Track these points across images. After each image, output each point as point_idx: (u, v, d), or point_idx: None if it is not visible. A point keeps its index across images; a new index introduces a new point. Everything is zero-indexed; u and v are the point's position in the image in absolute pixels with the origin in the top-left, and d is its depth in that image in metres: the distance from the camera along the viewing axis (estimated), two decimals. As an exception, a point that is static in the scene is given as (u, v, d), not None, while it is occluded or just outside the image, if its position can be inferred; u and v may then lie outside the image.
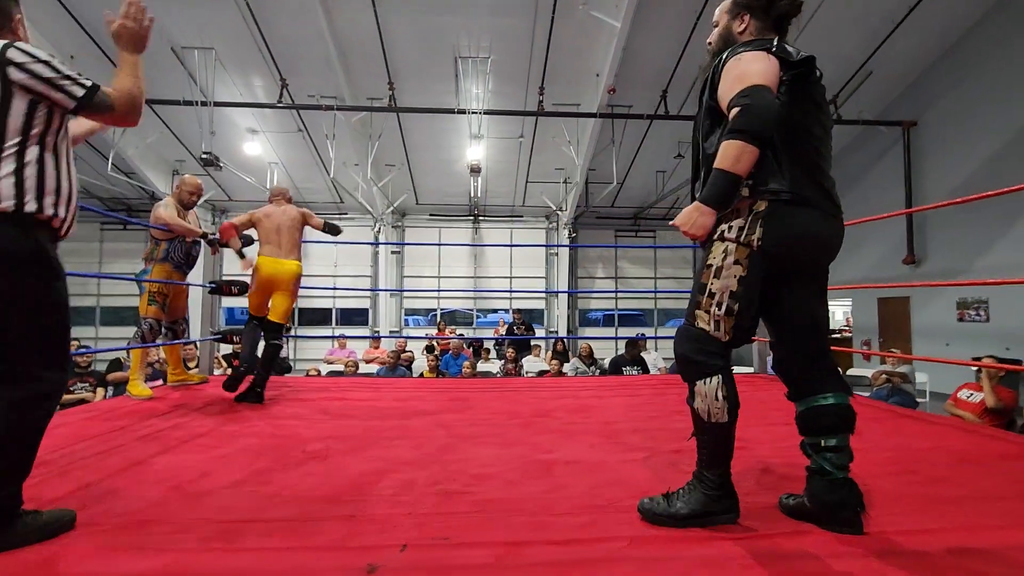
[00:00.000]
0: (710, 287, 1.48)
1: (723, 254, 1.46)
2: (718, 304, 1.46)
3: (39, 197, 1.39)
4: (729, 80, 1.41)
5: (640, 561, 1.24)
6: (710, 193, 1.37)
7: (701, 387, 1.46)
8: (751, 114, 1.32)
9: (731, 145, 1.33)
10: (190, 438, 2.40)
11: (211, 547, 1.31)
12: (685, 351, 1.51)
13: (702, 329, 1.48)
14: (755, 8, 1.55)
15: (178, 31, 8.41)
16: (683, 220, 1.43)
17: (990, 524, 1.49)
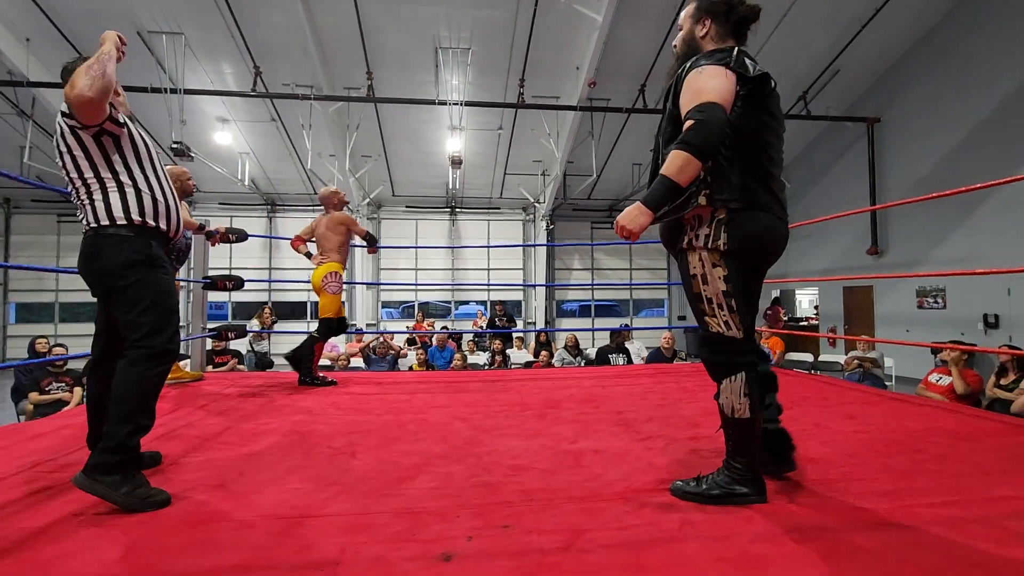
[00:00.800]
0: (704, 294, 1.60)
1: (700, 262, 1.59)
2: (719, 306, 1.58)
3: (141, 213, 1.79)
4: (689, 92, 1.51)
5: (703, 539, 1.31)
6: (651, 196, 1.47)
7: (726, 386, 1.58)
8: (700, 130, 1.42)
9: (678, 155, 1.43)
10: (210, 436, 2.37)
11: (282, 543, 1.32)
12: (708, 355, 1.64)
13: (716, 333, 1.60)
14: (716, 13, 1.64)
15: (146, 15, 8.07)
16: (624, 218, 1.50)
17: (1007, 495, 1.62)
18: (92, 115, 1.69)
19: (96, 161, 1.74)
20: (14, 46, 8.19)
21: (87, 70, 1.65)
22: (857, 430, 2.41)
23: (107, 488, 1.55)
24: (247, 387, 3.62)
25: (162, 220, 1.83)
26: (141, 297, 1.72)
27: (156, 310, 1.74)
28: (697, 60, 1.57)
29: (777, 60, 9.25)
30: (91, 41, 8.34)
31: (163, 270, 1.82)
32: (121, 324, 1.75)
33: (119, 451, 1.60)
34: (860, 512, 1.49)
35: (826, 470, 1.87)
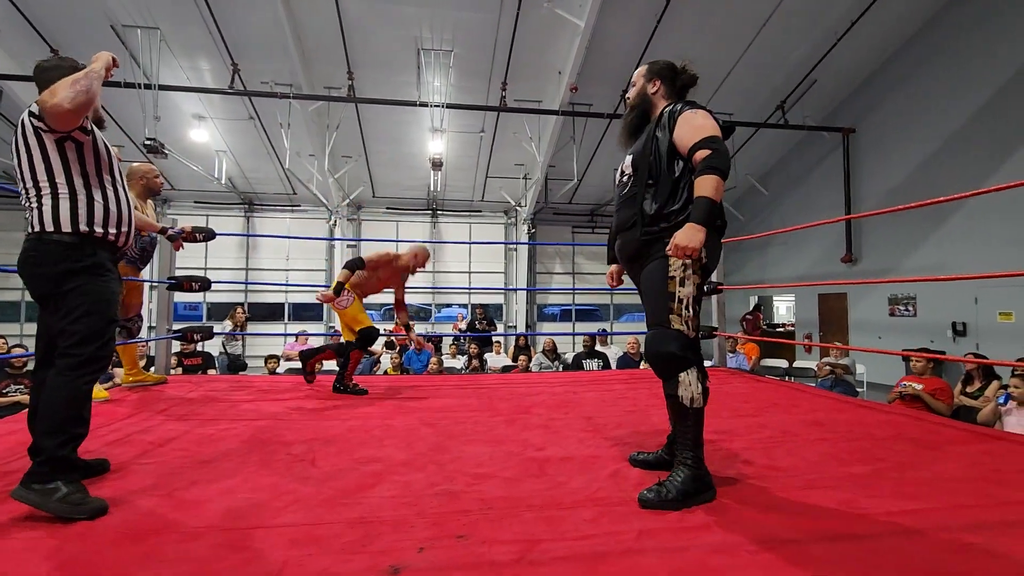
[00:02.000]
0: (678, 295, 1.76)
1: (682, 267, 1.75)
2: (686, 307, 1.76)
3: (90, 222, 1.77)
4: (689, 128, 1.77)
5: (659, 551, 1.29)
6: (701, 216, 1.67)
7: (684, 377, 1.74)
8: (720, 156, 1.70)
9: (710, 179, 1.68)
10: (163, 443, 2.29)
11: (226, 556, 1.27)
12: (668, 349, 1.76)
13: (678, 330, 1.76)
14: (664, 77, 1.98)
15: (120, 8, 7.88)
16: (684, 239, 1.66)
17: (965, 503, 1.63)
18: (65, 125, 1.70)
19: (53, 166, 1.72)
20: (-20, 36, 7.94)
21: (73, 84, 1.65)
22: (823, 437, 2.42)
23: (40, 496, 1.50)
24: (212, 391, 3.52)
25: (111, 228, 1.82)
26: (77, 305, 1.69)
27: (90, 319, 1.70)
28: (685, 106, 1.86)
29: (756, 70, 9.41)
30: (62, 34, 8.16)
31: (105, 278, 1.78)
32: (56, 331, 1.72)
33: (51, 463, 1.55)
34: (820, 522, 1.49)
35: (790, 479, 1.87)
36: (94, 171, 1.80)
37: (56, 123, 1.68)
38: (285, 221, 13.42)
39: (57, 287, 1.70)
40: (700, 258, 1.77)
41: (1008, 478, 1.86)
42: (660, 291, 1.79)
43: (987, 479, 1.84)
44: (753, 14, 8.42)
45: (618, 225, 1.99)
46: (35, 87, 1.82)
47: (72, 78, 1.68)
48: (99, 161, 1.82)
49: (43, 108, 1.66)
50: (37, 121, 1.69)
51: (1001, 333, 7.63)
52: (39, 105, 1.67)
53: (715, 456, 2.15)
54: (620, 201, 2.00)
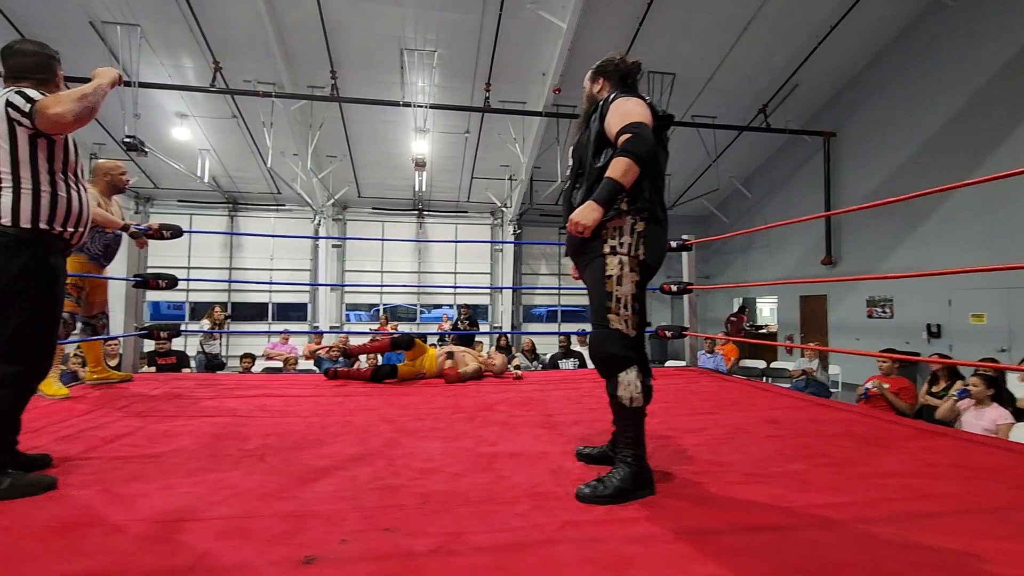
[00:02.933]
0: (615, 294, 1.76)
1: (619, 266, 1.76)
2: (625, 306, 1.76)
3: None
4: (617, 114, 1.76)
5: (577, 542, 1.31)
6: (601, 195, 1.67)
7: (624, 377, 1.74)
8: (638, 140, 1.67)
9: (622, 161, 1.66)
10: (114, 438, 2.28)
11: (148, 548, 1.27)
12: (607, 349, 1.77)
13: (617, 329, 1.76)
14: (606, 73, 2.00)
15: (99, 4, 7.82)
16: (580, 215, 1.68)
17: (890, 497, 1.67)
18: (58, 132, 1.74)
19: (20, 158, 1.72)
20: (-44, 31, 7.84)
21: (81, 98, 1.73)
22: (773, 435, 2.46)
23: None
24: (176, 388, 3.50)
25: (70, 227, 1.84)
26: (17, 306, 1.68)
27: (30, 324, 1.70)
28: (619, 93, 1.86)
29: (738, 73, 9.50)
30: (42, 29, 8.08)
31: (49, 281, 1.78)
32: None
33: None
34: (743, 515, 1.52)
35: (729, 474, 1.90)
36: (60, 168, 1.81)
37: (51, 129, 1.72)
38: (270, 220, 13.36)
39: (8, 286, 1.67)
40: (638, 255, 1.77)
41: (942, 472, 1.90)
42: (599, 291, 1.78)
43: (921, 474, 1.88)
44: (735, 17, 8.50)
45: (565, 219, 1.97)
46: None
47: (80, 92, 1.74)
48: (66, 159, 1.84)
49: (41, 112, 1.68)
50: (15, 113, 1.68)
51: (973, 334, 7.75)
52: (37, 110, 1.67)
53: (663, 453, 2.18)
54: (564, 196, 2.00)
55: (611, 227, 1.77)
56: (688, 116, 10.29)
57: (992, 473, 1.89)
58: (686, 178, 12.68)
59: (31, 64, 1.87)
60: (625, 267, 1.76)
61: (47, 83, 1.88)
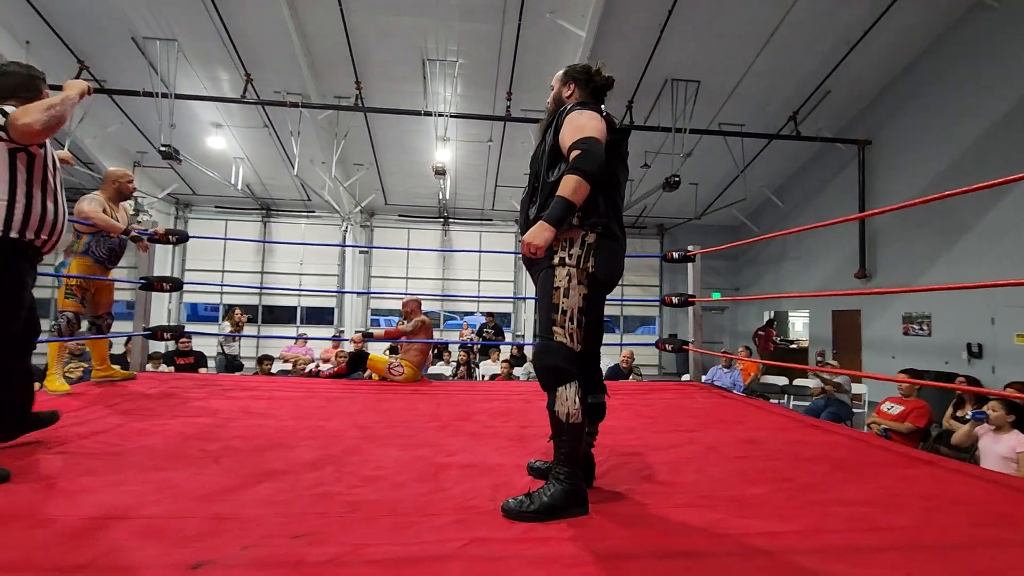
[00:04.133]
0: (561, 306, 1.73)
1: (567, 277, 1.73)
2: (570, 319, 1.73)
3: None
4: (571, 128, 1.73)
5: (472, 559, 1.28)
6: (552, 215, 1.62)
7: (562, 392, 1.68)
8: (587, 157, 1.63)
9: (571, 179, 1.62)
10: (90, 434, 2.38)
11: (59, 543, 1.31)
12: (548, 362, 1.72)
13: (560, 342, 1.72)
14: (579, 80, 1.96)
15: (140, 21, 8.27)
16: (532, 236, 1.64)
17: (835, 527, 1.57)
18: (29, 141, 1.88)
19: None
20: (14, 49, 8.42)
21: (48, 108, 1.85)
22: (745, 455, 2.35)
23: None
24: (173, 388, 3.63)
25: (43, 235, 1.97)
26: None
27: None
28: (574, 105, 1.83)
29: (766, 80, 9.25)
30: (88, 44, 8.60)
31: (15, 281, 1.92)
32: None
33: None
34: (668, 539, 1.45)
35: (678, 496, 1.83)
36: (38, 181, 1.95)
37: (23, 139, 1.85)
38: (300, 227, 13.76)
39: None
40: (587, 268, 1.74)
41: (905, 503, 1.78)
42: (545, 302, 1.76)
43: (880, 503, 1.76)
44: (760, 23, 8.29)
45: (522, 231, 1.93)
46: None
47: (48, 103, 1.87)
48: (44, 173, 1.98)
49: (12, 123, 1.81)
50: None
51: (1018, 355, 7.25)
52: (10, 121, 1.81)
53: (622, 471, 2.12)
54: (521, 205, 1.98)
55: (562, 239, 1.75)
56: (715, 124, 10.07)
57: (961, 507, 1.75)
58: (714, 187, 12.40)
59: (16, 84, 2.01)
60: (573, 279, 1.73)
61: (32, 101, 1.98)
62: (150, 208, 12.13)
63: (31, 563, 1.22)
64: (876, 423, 4.32)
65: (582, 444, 1.71)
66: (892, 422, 4.21)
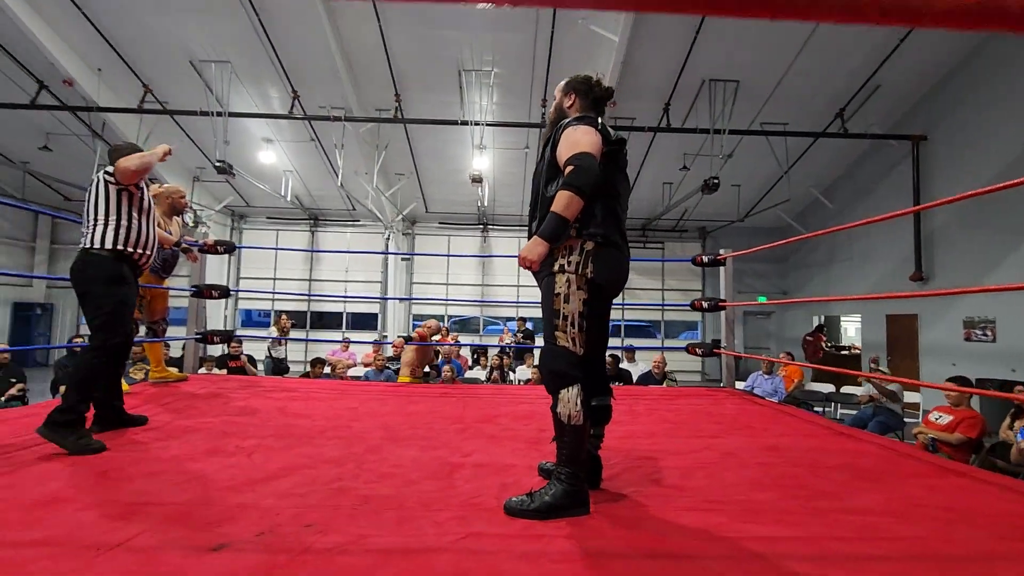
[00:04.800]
0: (563, 311, 1.78)
1: (567, 283, 1.78)
2: (572, 324, 1.77)
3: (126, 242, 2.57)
4: (566, 144, 1.79)
5: (463, 552, 1.35)
6: (545, 231, 1.70)
7: (564, 395, 1.73)
8: (580, 173, 1.69)
9: (563, 195, 1.68)
10: (140, 430, 2.59)
11: (104, 525, 1.47)
12: (552, 366, 1.78)
13: (564, 347, 1.78)
14: (579, 91, 2.00)
15: (197, 46, 8.83)
16: (526, 251, 1.72)
17: (843, 535, 1.54)
18: (126, 180, 2.56)
19: (110, 206, 2.55)
20: (88, 75, 9.17)
21: (140, 159, 2.56)
22: (763, 462, 2.32)
23: (59, 435, 2.18)
24: (220, 389, 3.87)
25: (139, 249, 2.62)
26: (100, 304, 2.44)
27: (107, 315, 2.43)
28: (571, 121, 1.89)
29: (809, 77, 8.95)
30: (151, 69, 9.25)
31: (124, 286, 2.54)
32: (86, 321, 2.41)
33: (69, 412, 2.26)
34: (662, 541, 1.48)
35: (684, 500, 1.84)
36: (136, 212, 2.62)
37: (123, 179, 2.54)
38: (346, 235, 14.26)
39: (90, 288, 2.45)
40: (585, 274, 1.79)
41: (924, 514, 1.73)
42: (548, 308, 1.82)
43: (895, 514, 1.72)
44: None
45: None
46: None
47: (140, 156, 2.58)
48: (141, 206, 2.66)
49: (117, 167, 2.53)
50: (109, 177, 2.55)
51: (1095, 364, 6.70)
52: (115, 167, 2.54)
53: (632, 474, 2.14)
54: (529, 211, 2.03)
55: (562, 247, 1.81)
56: (756, 124, 9.81)
57: (986, 519, 1.68)
58: (757, 189, 12.04)
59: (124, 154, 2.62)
60: (572, 285, 1.78)
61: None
62: (208, 220, 12.88)
63: (74, 539, 1.37)
64: (923, 433, 4.11)
65: (584, 446, 1.76)
66: (940, 432, 4.00)
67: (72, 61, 8.83)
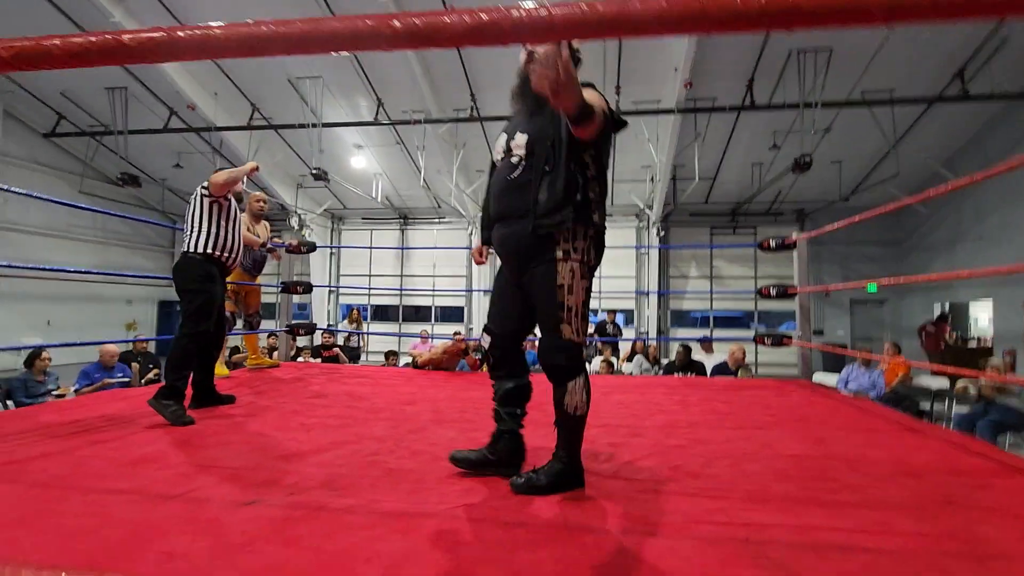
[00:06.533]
0: (567, 303, 1.73)
1: (571, 273, 1.73)
2: (576, 315, 1.74)
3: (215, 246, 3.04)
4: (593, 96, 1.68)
5: (449, 518, 1.49)
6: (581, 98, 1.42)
7: (572, 385, 1.75)
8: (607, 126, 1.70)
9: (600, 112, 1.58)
10: (228, 408, 3.01)
11: (173, 480, 1.79)
12: (558, 360, 1.75)
13: (568, 339, 1.74)
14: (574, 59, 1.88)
15: (293, 65, 9.70)
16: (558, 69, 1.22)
17: (842, 526, 1.49)
18: (216, 192, 3.02)
19: (203, 216, 3.01)
20: (207, 99, 10.42)
21: (228, 174, 3.02)
22: (801, 454, 2.23)
23: (162, 407, 2.61)
24: (304, 375, 4.33)
25: (225, 253, 3.06)
26: (192, 298, 2.89)
27: (198, 307, 2.89)
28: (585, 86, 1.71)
29: (918, 36, 8.01)
30: (257, 89, 10.30)
31: (212, 284, 2.98)
32: (181, 311, 2.88)
33: (169, 388, 2.69)
34: (654, 520, 1.51)
35: (694, 485, 1.84)
36: (224, 220, 3.07)
37: (214, 191, 3.01)
38: (433, 232, 14.94)
39: (185, 285, 2.90)
40: (589, 261, 1.79)
41: (953, 512, 1.60)
42: (549, 299, 1.75)
43: (921, 509, 1.61)
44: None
45: (500, 212, 1.87)
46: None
47: (230, 172, 3.05)
48: (228, 215, 3.11)
49: (211, 182, 3.00)
50: (204, 191, 3.02)
51: None
52: (209, 180, 3.01)
53: (652, 461, 2.15)
54: (505, 185, 1.83)
55: (565, 232, 1.72)
56: (856, 94, 8.95)
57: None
58: (862, 165, 10.97)
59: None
60: (576, 274, 1.73)
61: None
62: (311, 223, 14.10)
63: (148, 490, 1.69)
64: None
65: (582, 433, 1.81)
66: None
67: (194, 89, 10.08)
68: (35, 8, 8.33)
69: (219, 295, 3.06)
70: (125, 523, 1.42)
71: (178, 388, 2.72)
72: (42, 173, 12.12)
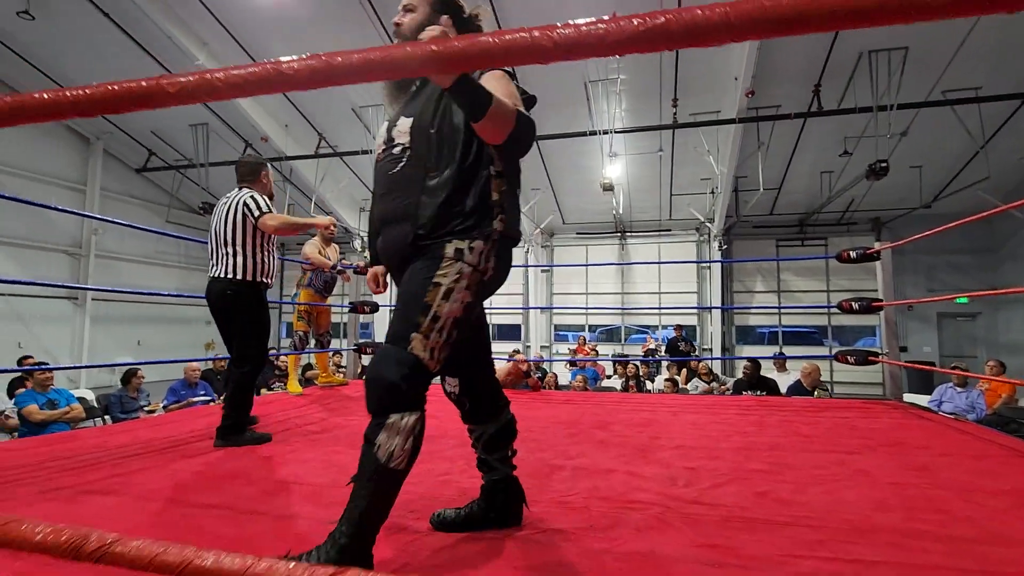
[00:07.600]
0: (436, 309, 1.30)
1: (457, 277, 1.32)
2: (440, 330, 1.30)
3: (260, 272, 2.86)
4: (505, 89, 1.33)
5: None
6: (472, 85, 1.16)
7: (395, 422, 1.25)
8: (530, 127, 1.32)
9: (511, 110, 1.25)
10: (304, 424, 3.12)
11: (260, 497, 1.85)
12: (388, 375, 1.27)
13: (416, 356, 1.28)
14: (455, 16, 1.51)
15: (356, 95, 10.19)
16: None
17: (960, 567, 1.35)
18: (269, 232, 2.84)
19: (247, 239, 2.82)
20: (278, 130, 11.09)
21: (285, 223, 2.85)
22: (902, 482, 2.05)
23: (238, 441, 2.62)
24: (371, 392, 4.43)
25: (267, 277, 2.91)
26: (254, 330, 2.82)
27: (260, 339, 2.83)
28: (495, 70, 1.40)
29: (1004, 28, 7.45)
30: (324, 119, 10.86)
31: (266, 311, 2.90)
32: (236, 339, 2.78)
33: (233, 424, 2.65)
34: (737, 552, 1.42)
35: (779, 513, 1.72)
36: (266, 242, 2.89)
37: (262, 229, 2.82)
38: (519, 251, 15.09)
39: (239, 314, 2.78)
40: (485, 270, 1.37)
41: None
42: (413, 296, 1.33)
43: None
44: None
45: (382, 216, 1.47)
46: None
47: (292, 221, 2.89)
48: (271, 240, 2.92)
49: (262, 222, 2.79)
50: (248, 212, 2.79)
51: None
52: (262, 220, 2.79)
53: (735, 487, 2.03)
54: (388, 182, 1.44)
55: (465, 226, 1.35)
56: (936, 94, 8.39)
57: None
58: (946, 169, 10.22)
59: (247, 171, 2.97)
60: (462, 280, 1.33)
61: (255, 181, 2.98)
62: (373, 245, 14.58)
63: (235, 506, 1.76)
64: None
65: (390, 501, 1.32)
66: None
67: (267, 121, 10.76)
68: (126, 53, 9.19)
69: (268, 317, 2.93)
70: (220, 538, 1.48)
71: (240, 419, 2.68)
72: (135, 205, 13.22)
